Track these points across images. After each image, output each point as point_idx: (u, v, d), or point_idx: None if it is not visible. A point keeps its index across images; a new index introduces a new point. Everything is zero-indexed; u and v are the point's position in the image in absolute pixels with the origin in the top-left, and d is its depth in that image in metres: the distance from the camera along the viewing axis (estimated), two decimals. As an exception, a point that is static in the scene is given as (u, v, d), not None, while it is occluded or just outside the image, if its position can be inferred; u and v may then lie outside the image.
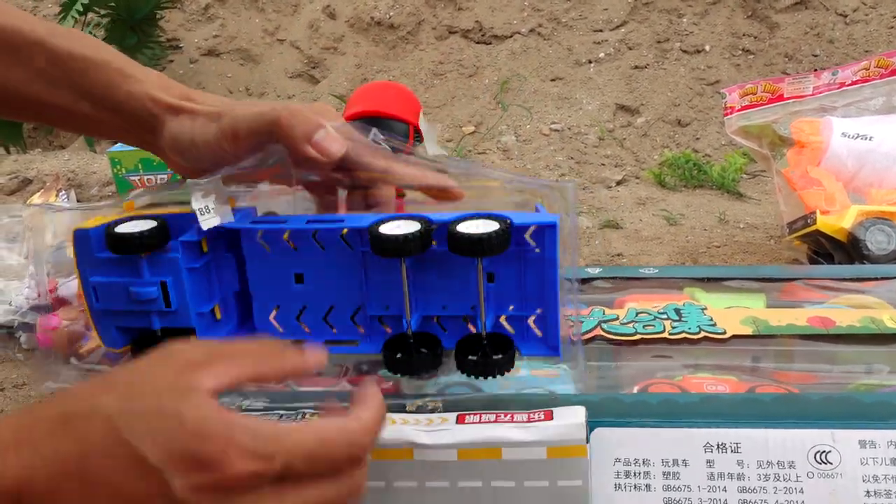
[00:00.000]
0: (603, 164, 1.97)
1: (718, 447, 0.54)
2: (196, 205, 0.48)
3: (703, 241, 1.42)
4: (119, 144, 1.46)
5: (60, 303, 0.98)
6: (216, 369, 0.37)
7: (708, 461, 0.54)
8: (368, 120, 1.05)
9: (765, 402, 0.57)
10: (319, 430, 0.37)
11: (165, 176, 1.42)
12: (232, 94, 2.49)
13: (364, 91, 1.06)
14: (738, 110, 1.18)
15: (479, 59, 2.42)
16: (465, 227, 0.47)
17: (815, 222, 1.09)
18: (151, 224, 0.50)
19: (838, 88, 1.16)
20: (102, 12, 2.24)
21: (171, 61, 2.52)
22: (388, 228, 0.47)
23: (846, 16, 2.30)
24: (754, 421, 0.54)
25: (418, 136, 1.07)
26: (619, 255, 1.33)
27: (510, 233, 0.48)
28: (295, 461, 0.35)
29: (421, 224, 0.48)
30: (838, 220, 1.10)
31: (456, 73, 2.40)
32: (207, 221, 0.48)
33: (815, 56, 2.24)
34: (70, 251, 0.97)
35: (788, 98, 1.17)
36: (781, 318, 0.71)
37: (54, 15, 2.56)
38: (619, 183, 1.86)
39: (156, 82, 0.53)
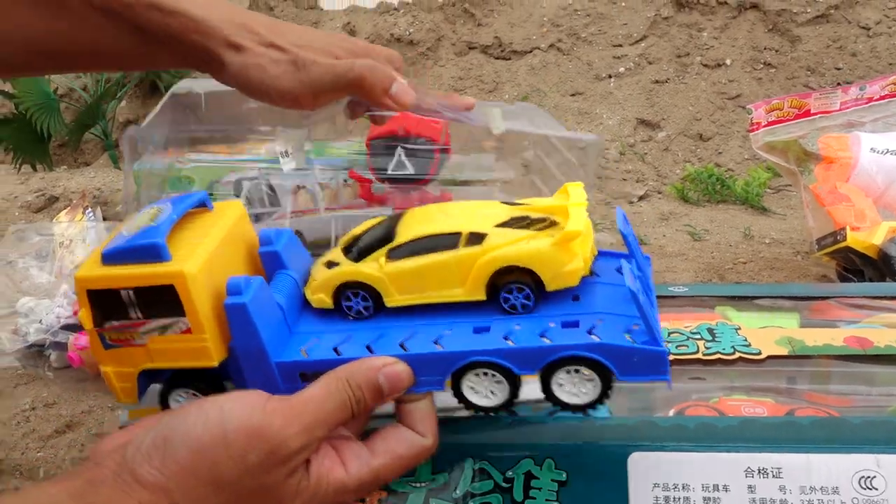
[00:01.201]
0: (625, 180, 1.96)
1: (760, 472, 0.53)
2: (279, 148, 0.50)
3: (729, 256, 1.41)
4: (147, 162, 1.48)
5: (91, 322, 0.99)
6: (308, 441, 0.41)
7: (749, 486, 0.53)
8: (393, 139, 1.05)
9: (805, 425, 0.56)
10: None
11: (191, 194, 1.43)
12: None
13: (390, 110, 1.06)
14: (765, 126, 1.17)
15: (498, 75, 2.42)
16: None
17: (845, 238, 1.08)
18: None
19: (866, 103, 1.15)
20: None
21: (195, 77, 2.54)
22: (476, 398, 0.47)
23: (868, 28, 2.29)
24: (796, 445, 0.53)
25: (445, 156, 1.08)
26: (644, 271, 1.32)
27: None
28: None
29: (508, 390, 0.46)
30: (869, 236, 1.09)
31: (476, 88, 2.40)
32: (287, 164, 0.51)
33: (839, 69, 2.22)
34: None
35: (815, 113, 1.16)
36: (817, 338, 0.70)
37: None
38: (641, 198, 1.85)
39: (216, 14, 0.53)
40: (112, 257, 0.42)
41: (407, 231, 0.48)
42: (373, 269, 0.47)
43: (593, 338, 0.44)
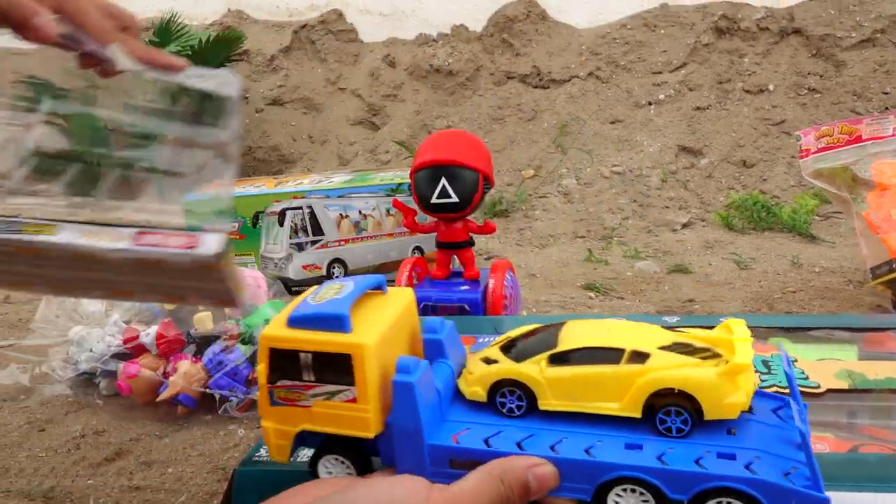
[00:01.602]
0: (667, 207, 1.94)
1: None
2: None
3: (778, 286, 1.38)
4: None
5: (140, 350, 1.00)
6: None
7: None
8: (438, 168, 1.06)
9: (871, 462, 0.54)
10: None
11: (236, 224, 1.45)
12: (296, 141, 2.55)
13: (434, 140, 1.07)
14: (814, 152, 1.15)
15: (537, 104, 2.43)
16: None
17: (901, 268, 1.05)
18: None
19: (920, 129, 1.12)
20: (174, 66, 2.34)
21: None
22: None
23: (917, 52, 2.24)
24: (861, 483, 0.51)
25: (487, 185, 1.08)
26: (690, 300, 1.30)
27: None
28: None
29: None
30: (925, 265, 1.05)
31: (515, 117, 2.41)
32: None
33: (886, 94, 2.18)
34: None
35: (867, 139, 1.14)
36: (879, 371, 0.68)
37: (129, 70, 2.69)
38: (684, 226, 1.83)
39: None
40: (298, 322, 0.46)
41: (570, 340, 0.49)
42: (533, 371, 0.48)
43: (751, 473, 0.43)
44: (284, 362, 0.46)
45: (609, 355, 0.47)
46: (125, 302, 1.04)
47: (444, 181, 1.04)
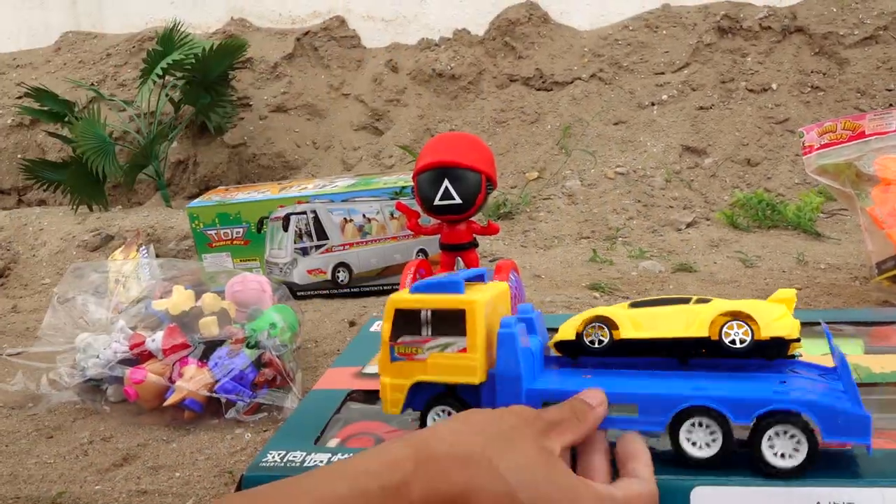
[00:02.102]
0: (671, 207, 1.94)
1: (830, 506, 0.51)
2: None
3: (784, 283, 1.37)
4: (198, 200, 1.52)
5: (147, 356, 1.01)
6: (559, 436, 0.48)
7: (820, 522, 0.51)
8: (441, 170, 1.06)
9: (879, 458, 0.54)
10: (644, 493, 0.48)
11: (241, 230, 1.46)
12: (300, 147, 2.56)
13: (436, 142, 1.07)
14: (818, 149, 1.15)
15: (540, 106, 2.43)
16: None
17: (906, 262, 1.04)
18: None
19: (923, 123, 1.12)
20: (179, 75, 2.36)
21: (242, 118, 2.61)
22: (692, 449, 0.52)
23: (920, 48, 2.23)
24: (868, 479, 0.51)
25: (490, 186, 1.08)
26: (695, 299, 1.29)
27: None
28: None
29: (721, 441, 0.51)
30: (932, 260, 1.05)
31: (518, 120, 2.41)
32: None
33: (889, 90, 2.17)
34: (163, 306, 1.00)
35: (870, 135, 1.14)
36: (885, 365, 0.67)
37: (134, 78, 2.70)
38: (689, 225, 1.83)
39: None
40: (419, 288, 0.55)
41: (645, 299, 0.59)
42: (617, 309, 0.58)
43: (803, 398, 0.49)
44: (406, 321, 0.54)
45: (680, 301, 0.56)
46: (129, 308, 1.05)
47: (446, 183, 1.04)
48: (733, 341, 0.53)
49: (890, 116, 1.12)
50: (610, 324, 0.57)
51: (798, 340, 0.55)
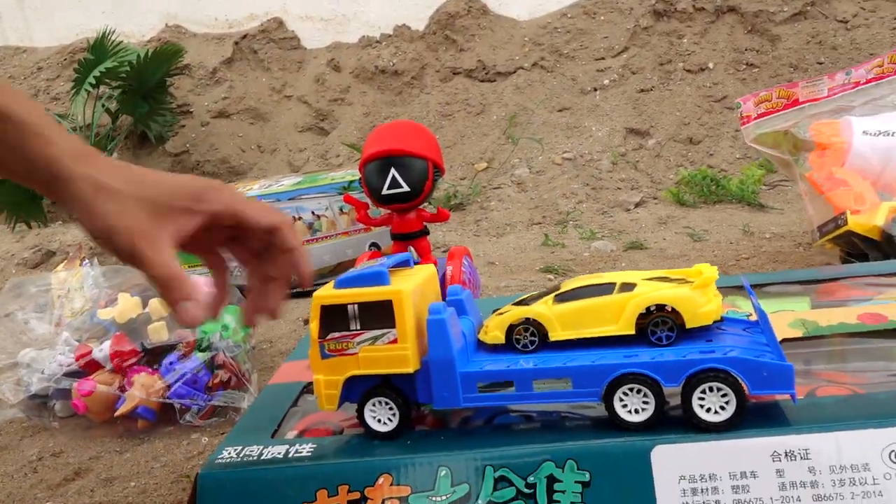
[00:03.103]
0: (619, 188, 1.96)
1: (787, 455, 0.52)
2: None
3: (731, 254, 1.40)
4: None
5: (94, 367, 0.97)
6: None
7: (778, 471, 0.51)
8: (387, 160, 1.05)
9: (829, 404, 0.55)
10: None
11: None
12: (244, 152, 2.52)
13: (379, 132, 1.06)
14: (755, 119, 1.17)
15: (484, 97, 2.44)
16: None
17: (846, 223, 1.07)
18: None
19: (853, 88, 1.15)
20: (114, 84, 2.29)
21: (183, 126, 2.56)
22: (626, 414, 0.54)
23: (846, 21, 2.31)
24: (821, 425, 0.52)
25: (437, 172, 1.07)
26: (647, 275, 1.31)
27: None
28: None
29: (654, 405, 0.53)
30: (870, 218, 1.08)
31: (463, 112, 2.42)
32: None
33: (820, 63, 2.24)
34: (109, 314, 0.97)
35: (804, 102, 1.16)
36: (831, 318, 0.69)
37: (67, 91, 2.62)
38: (637, 205, 1.85)
39: (69, 149, 0.50)
40: (343, 283, 0.55)
41: (570, 284, 0.59)
42: (543, 309, 0.58)
43: (728, 356, 0.52)
44: (334, 317, 0.54)
45: (603, 289, 0.57)
46: (74, 320, 1.01)
47: (393, 171, 1.03)
48: (660, 338, 0.55)
49: (821, 83, 1.15)
50: (536, 326, 0.58)
51: (722, 320, 0.57)
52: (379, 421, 0.57)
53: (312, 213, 1.39)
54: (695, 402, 0.52)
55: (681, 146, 2.13)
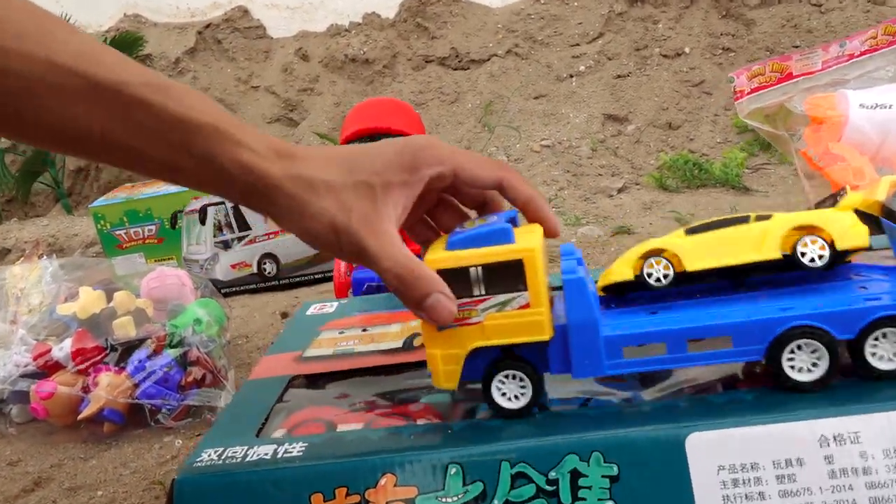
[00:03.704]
0: (600, 175, 1.92)
1: (836, 439, 0.47)
2: None
3: (722, 237, 1.36)
4: (102, 198, 1.39)
5: (54, 367, 0.89)
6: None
7: (826, 457, 0.46)
8: (369, 138, 0.98)
9: (880, 382, 0.50)
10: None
11: (153, 227, 1.34)
12: (211, 144, 2.43)
13: (360, 109, 1.00)
14: (748, 93, 1.13)
15: (459, 85, 2.38)
16: None
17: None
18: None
19: (847, 61, 1.12)
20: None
21: (145, 118, 2.45)
22: (796, 374, 0.48)
23: (820, 5, 2.30)
24: (872, 405, 0.47)
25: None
26: (639, 259, 1.27)
27: None
28: None
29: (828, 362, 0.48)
30: (870, 193, 1.03)
31: (437, 100, 2.36)
32: None
33: (796, 47, 2.22)
34: (67, 309, 0.89)
35: (798, 76, 1.12)
36: None
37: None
38: (620, 191, 1.81)
39: (263, 149, 0.45)
40: (458, 243, 0.48)
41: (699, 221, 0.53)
42: (675, 239, 0.52)
43: None
44: (453, 282, 0.47)
45: (738, 221, 0.51)
46: (30, 317, 0.93)
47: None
48: (812, 259, 0.49)
49: (815, 56, 1.11)
50: (670, 256, 0.52)
51: (870, 248, 0.53)
52: (507, 397, 0.51)
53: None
54: (867, 353, 0.47)
55: (660, 131, 2.10)
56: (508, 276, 0.47)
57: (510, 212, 0.53)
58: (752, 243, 0.50)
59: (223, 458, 0.52)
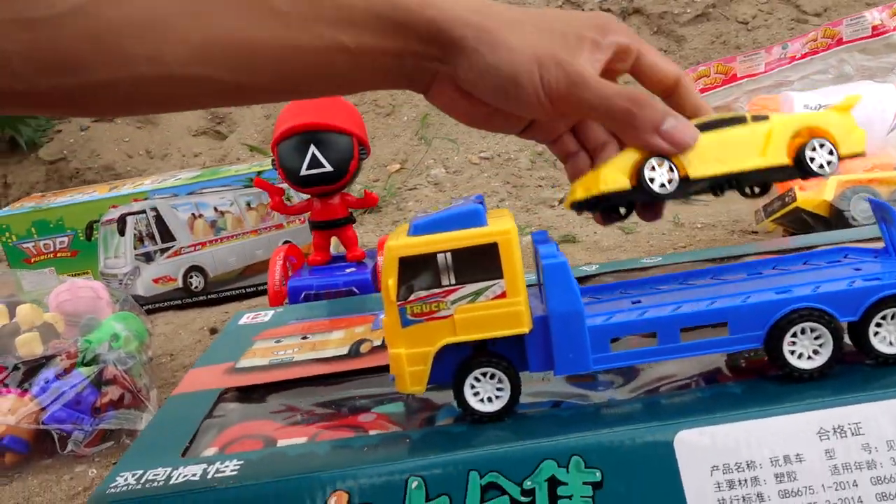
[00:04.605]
0: (540, 186, 1.90)
1: (836, 431, 0.43)
2: None
3: (668, 244, 1.35)
4: (7, 209, 1.27)
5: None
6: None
7: (827, 451, 0.42)
8: (306, 135, 0.92)
9: (879, 368, 0.46)
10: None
11: (66, 239, 1.23)
12: (132, 158, 2.29)
13: (296, 104, 0.93)
14: (694, 95, 1.12)
15: (394, 98, 2.33)
16: None
17: (794, 200, 1.03)
18: None
19: (790, 63, 1.12)
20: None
21: (59, 131, 2.31)
22: (798, 361, 0.45)
23: (747, 23, 2.36)
24: (872, 392, 0.43)
25: (363, 151, 0.95)
26: (588, 265, 1.23)
27: None
28: None
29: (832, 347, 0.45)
30: (818, 193, 1.04)
31: (372, 113, 2.30)
32: None
33: (726, 62, 2.27)
34: None
35: (742, 77, 1.12)
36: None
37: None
38: (561, 201, 1.79)
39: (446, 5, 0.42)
40: (424, 227, 0.43)
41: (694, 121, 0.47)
42: None
43: None
44: (418, 271, 0.43)
45: (735, 121, 0.46)
46: None
47: (313, 149, 0.90)
48: (821, 166, 0.46)
49: (759, 57, 1.11)
50: (673, 159, 0.45)
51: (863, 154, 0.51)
52: (482, 399, 0.45)
53: (215, 209, 1.23)
54: (871, 334, 0.45)
55: (598, 143, 2.10)
56: (481, 263, 0.43)
57: (477, 196, 0.48)
58: (756, 146, 0.45)
59: (143, 481, 0.45)
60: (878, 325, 0.45)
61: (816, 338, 0.44)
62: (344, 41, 0.40)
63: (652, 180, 0.45)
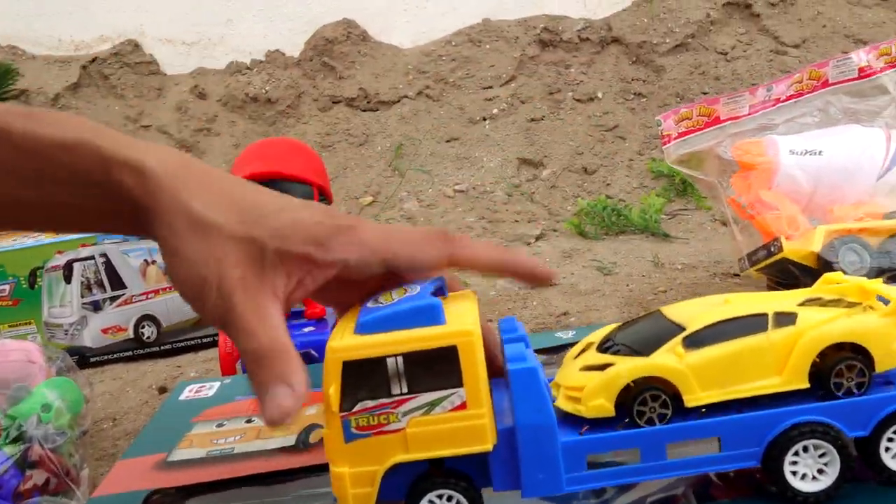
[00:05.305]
0: (516, 221, 1.84)
1: None
2: None
3: (647, 287, 1.29)
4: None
5: None
6: None
7: None
8: (265, 183, 0.85)
9: None
10: None
11: (7, 287, 1.15)
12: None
13: (255, 149, 0.87)
14: (676, 138, 1.07)
15: (367, 127, 2.27)
16: None
17: (780, 250, 0.97)
18: None
19: (774, 105, 1.08)
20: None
21: (19, 159, 2.22)
22: (798, 482, 0.40)
23: (726, 53, 2.33)
24: None
25: (324, 200, 0.89)
26: (564, 314, 1.17)
27: None
28: None
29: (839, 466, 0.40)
30: (805, 244, 0.99)
31: (345, 143, 2.24)
32: None
33: (705, 93, 2.24)
34: None
35: (725, 120, 1.07)
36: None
37: None
38: (538, 238, 1.73)
39: (154, 163, 0.38)
40: (371, 325, 0.37)
41: (695, 320, 0.41)
42: (671, 361, 0.39)
43: None
44: (365, 377, 0.37)
45: (752, 323, 0.40)
46: None
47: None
48: (849, 391, 0.39)
49: (742, 100, 1.06)
50: (667, 387, 0.39)
51: None
52: None
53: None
54: (882, 451, 0.39)
55: (576, 176, 2.05)
56: (438, 369, 0.37)
57: (437, 279, 0.42)
58: (773, 364, 0.39)
59: None
60: (891, 439, 0.39)
61: (821, 455, 0.39)
62: (59, 198, 0.39)
63: (640, 414, 0.39)
